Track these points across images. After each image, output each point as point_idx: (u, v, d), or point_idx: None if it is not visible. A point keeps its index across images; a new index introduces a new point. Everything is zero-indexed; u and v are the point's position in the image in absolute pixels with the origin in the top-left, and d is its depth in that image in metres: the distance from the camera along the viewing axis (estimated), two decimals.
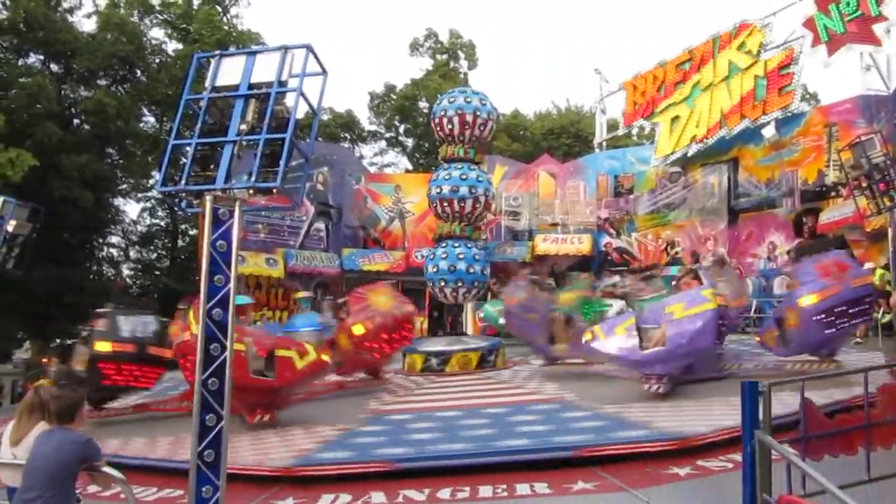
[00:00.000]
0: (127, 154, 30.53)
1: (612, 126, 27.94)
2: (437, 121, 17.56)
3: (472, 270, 16.23)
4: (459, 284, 16.41)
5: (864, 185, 14.43)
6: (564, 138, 37.13)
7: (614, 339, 9.69)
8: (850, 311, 9.90)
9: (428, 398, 11.20)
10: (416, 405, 10.61)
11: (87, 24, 29.38)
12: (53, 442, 4.23)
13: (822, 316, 9.81)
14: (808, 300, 9.99)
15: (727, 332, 11.44)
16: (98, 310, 11.63)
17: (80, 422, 4.38)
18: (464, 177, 16.84)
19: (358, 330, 11.87)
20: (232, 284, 4.87)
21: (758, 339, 11.84)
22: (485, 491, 6.41)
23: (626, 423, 8.08)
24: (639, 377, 9.86)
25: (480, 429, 8.43)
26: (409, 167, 39.77)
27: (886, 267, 14.76)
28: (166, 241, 35.15)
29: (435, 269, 16.44)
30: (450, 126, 17.00)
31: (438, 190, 17.15)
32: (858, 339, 13.53)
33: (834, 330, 9.91)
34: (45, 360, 14.31)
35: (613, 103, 26.51)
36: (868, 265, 15.09)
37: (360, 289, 13.71)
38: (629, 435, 7.54)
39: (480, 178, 17.16)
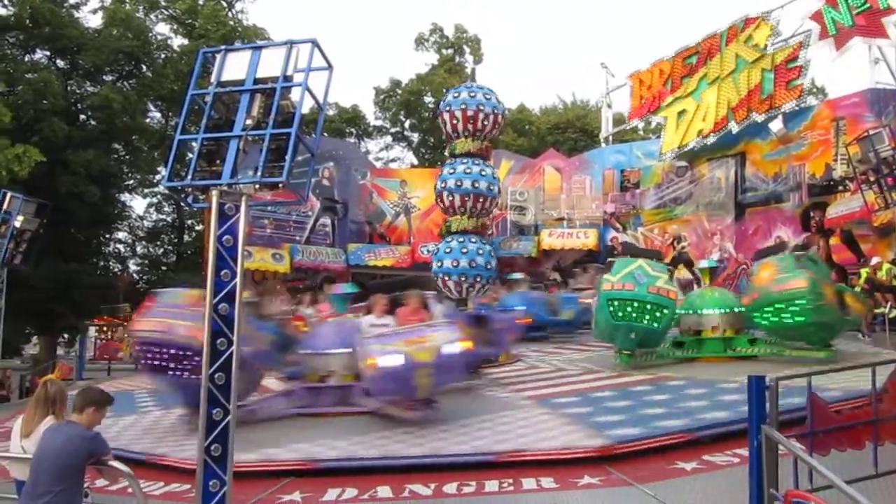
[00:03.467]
0: (133, 149, 30.60)
1: (619, 120, 27.86)
2: (443, 117, 17.60)
3: (475, 265, 16.28)
4: (465, 278, 16.46)
5: (872, 179, 14.41)
6: (570, 133, 37.07)
7: None
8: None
9: (549, 384, 10.90)
10: (565, 388, 10.41)
11: (92, 20, 29.52)
12: (61, 436, 4.24)
13: None
14: None
15: None
16: None
17: (88, 419, 4.40)
18: (468, 171, 16.86)
19: None
20: (238, 279, 4.86)
21: None
22: (491, 485, 6.41)
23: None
24: None
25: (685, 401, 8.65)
26: (415, 162, 39.79)
27: (894, 262, 14.68)
28: (173, 236, 35.28)
29: (441, 264, 16.52)
30: (455, 121, 17.02)
31: (444, 185, 17.20)
32: (863, 335, 13.48)
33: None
34: None
35: (620, 97, 26.49)
36: (875, 260, 15.05)
37: None
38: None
39: (485, 173, 17.19)
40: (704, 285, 12.97)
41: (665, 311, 10.88)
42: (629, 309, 10.81)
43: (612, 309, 10.92)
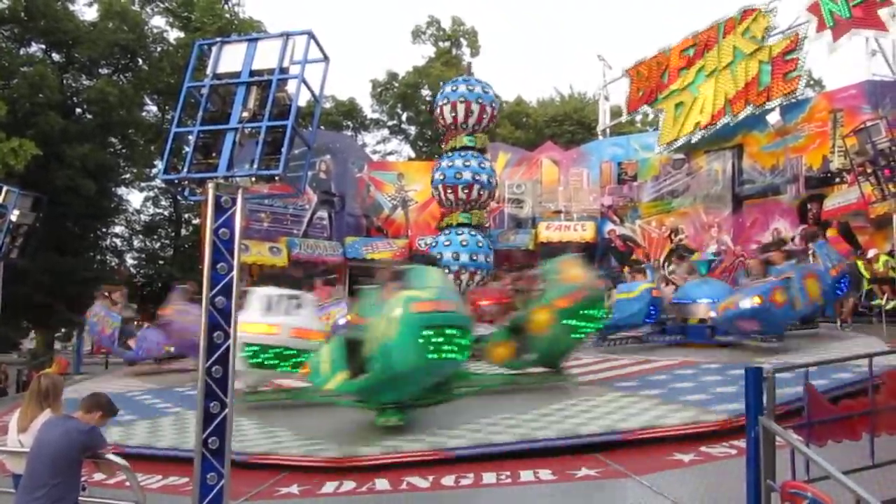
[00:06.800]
0: (129, 143, 30.51)
1: (616, 113, 27.79)
2: (437, 110, 17.64)
3: (476, 258, 16.28)
4: (463, 271, 16.47)
5: (869, 171, 14.40)
6: (567, 125, 36.99)
7: None
8: None
9: (594, 370, 11.01)
10: (616, 373, 10.66)
11: (88, 13, 29.34)
12: (58, 430, 4.24)
13: None
14: None
15: None
16: None
17: (91, 420, 4.41)
18: (451, 165, 16.87)
19: None
20: (235, 273, 4.85)
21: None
22: (488, 478, 6.41)
23: None
24: None
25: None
26: (412, 155, 39.72)
27: (891, 254, 14.70)
28: (169, 230, 35.18)
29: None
30: (451, 115, 17.03)
31: (441, 177, 17.26)
32: (846, 323, 13.62)
33: None
34: None
35: (617, 90, 26.34)
36: (872, 252, 15.06)
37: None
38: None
39: (480, 165, 17.22)
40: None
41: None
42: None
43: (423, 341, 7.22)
